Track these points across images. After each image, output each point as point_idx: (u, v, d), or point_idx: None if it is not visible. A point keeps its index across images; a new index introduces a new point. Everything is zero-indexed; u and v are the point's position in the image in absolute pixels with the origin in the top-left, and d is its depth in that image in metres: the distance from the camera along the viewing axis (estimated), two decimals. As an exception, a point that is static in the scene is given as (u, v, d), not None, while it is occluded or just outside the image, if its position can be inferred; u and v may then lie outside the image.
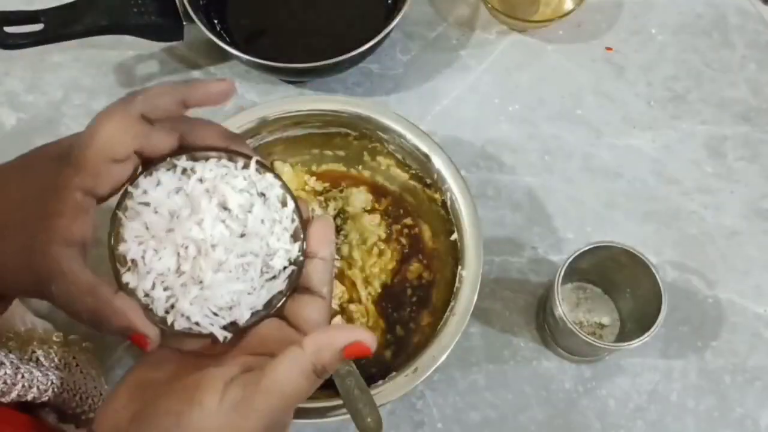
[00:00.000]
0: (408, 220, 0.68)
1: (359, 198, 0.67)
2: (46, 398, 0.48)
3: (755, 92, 0.76)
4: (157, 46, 0.75)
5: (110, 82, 0.75)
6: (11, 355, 0.48)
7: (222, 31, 0.75)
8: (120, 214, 0.39)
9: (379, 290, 0.64)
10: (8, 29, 0.66)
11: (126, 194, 0.39)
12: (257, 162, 0.41)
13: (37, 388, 0.47)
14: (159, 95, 0.39)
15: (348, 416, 0.53)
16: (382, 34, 0.69)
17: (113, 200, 0.40)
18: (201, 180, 0.40)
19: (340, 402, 0.54)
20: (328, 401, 0.56)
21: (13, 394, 0.45)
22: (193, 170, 0.40)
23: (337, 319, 0.62)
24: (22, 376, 0.46)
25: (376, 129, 0.64)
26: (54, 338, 0.56)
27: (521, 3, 0.78)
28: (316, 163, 0.69)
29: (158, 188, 0.39)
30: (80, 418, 0.51)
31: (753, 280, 0.68)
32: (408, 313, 0.64)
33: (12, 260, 0.38)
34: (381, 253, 0.65)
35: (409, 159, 0.65)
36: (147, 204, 0.39)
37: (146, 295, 0.39)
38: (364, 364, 0.62)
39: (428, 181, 0.64)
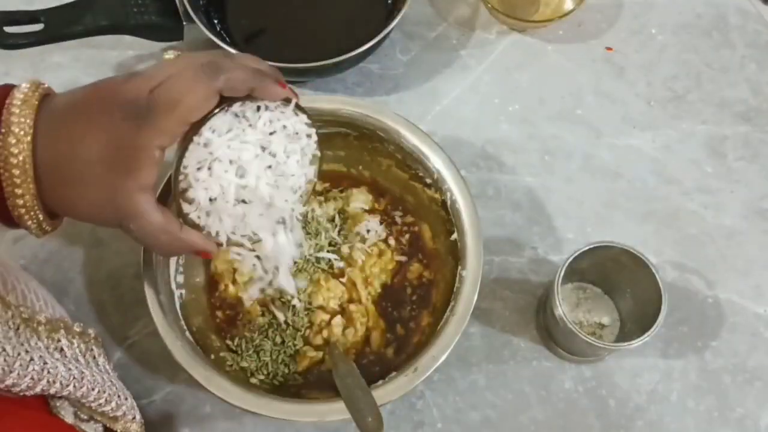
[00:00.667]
0: (408, 220, 0.68)
1: (359, 198, 0.67)
2: (67, 392, 0.49)
3: (755, 92, 0.76)
4: (157, 46, 0.75)
5: (110, 82, 0.75)
6: (40, 344, 0.50)
7: (222, 31, 0.75)
8: (184, 161, 0.47)
9: (379, 290, 0.64)
10: (8, 29, 0.66)
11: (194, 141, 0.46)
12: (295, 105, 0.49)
13: (60, 383, 0.48)
14: (240, 81, 0.44)
15: (348, 416, 0.53)
16: (382, 34, 0.69)
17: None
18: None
19: (340, 402, 0.54)
20: (328, 402, 0.56)
21: (38, 389, 0.46)
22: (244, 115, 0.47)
23: (338, 319, 0.62)
24: (48, 372, 0.47)
25: (376, 129, 0.64)
26: (75, 328, 0.57)
27: (521, 3, 0.78)
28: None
29: (213, 133, 0.46)
30: (95, 411, 0.52)
31: (753, 280, 0.68)
32: (408, 313, 0.64)
33: (96, 203, 0.44)
34: (381, 253, 0.65)
35: (409, 159, 0.65)
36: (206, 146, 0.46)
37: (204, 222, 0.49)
38: (365, 363, 0.62)
39: (428, 181, 0.64)
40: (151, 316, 0.57)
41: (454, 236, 0.62)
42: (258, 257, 0.55)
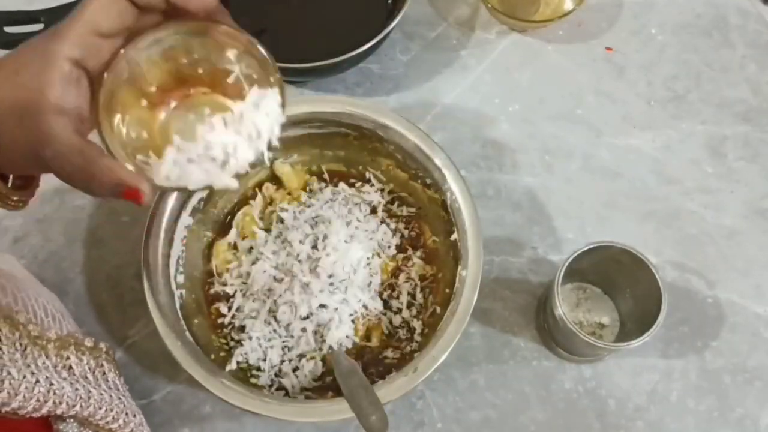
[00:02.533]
0: (408, 220, 0.68)
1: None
2: (73, 413, 0.48)
3: (755, 92, 0.76)
4: (157, 46, 0.75)
5: (110, 82, 0.75)
6: (48, 362, 0.49)
7: (222, 31, 0.75)
8: (106, 75, 0.40)
9: (379, 290, 0.64)
10: (8, 29, 0.66)
11: (118, 57, 0.41)
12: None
13: (66, 403, 0.47)
14: None
15: (348, 416, 0.53)
16: (382, 34, 0.69)
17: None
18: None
19: (340, 402, 0.54)
20: (328, 402, 0.56)
21: (44, 410, 0.46)
22: None
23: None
24: (54, 393, 0.47)
25: (376, 129, 0.64)
26: (86, 343, 0.56)
27: (521, 3, 0.78)
28: (316, 163, 0.69)
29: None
30: (102, 428, 0.52)
31: (753, 280, 0.68)
32: (408, 313, 0.64)
33: (12, 135, 0.39)
34: (381, 253, 0.65)
35: (409, 159, 0.65)
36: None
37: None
38: (366, 362, 0.62)
39: (428, 181, 0.64)
40: (151, 316, 0.57)
41: (454, 236, 0.62)
42: None
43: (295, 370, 0.62)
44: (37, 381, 0.46)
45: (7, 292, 0.53)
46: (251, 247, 0.65)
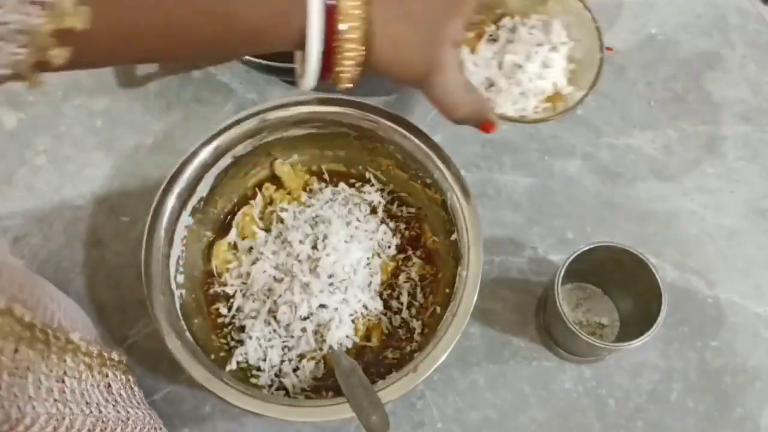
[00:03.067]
0: (408, 220, 0.68)
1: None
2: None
3: (755, 92, 0.76)
4: (157, 46, 0.75)
5: (110, 82, 0.75)
6: (92, 382, 0.49)
7: (222, 31, 0.75)
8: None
9: (379, 290, 0.64)
10: (8, 29, 0.66)
11: None
12: None
13: (111, 429, 0.47)
14: None
15: (348, 416, 0.53)
16: (382, 34, 0.69)
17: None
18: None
19: (340, 402, 0.54)
20: (328, 402, 0.56)
21: None
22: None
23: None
24: (102, 421, 0.46)
25: (376, 129, 0.64)
26: (113, 356, 0.56)
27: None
28: (316, 163, 0.69)
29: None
30: None
31: (753, 280, 0.68)
32: (408, 313, 0.64)
33: (414, 49, 0.45)
34: (381, 253, 0.65)
35: (409, 159, 0.65)
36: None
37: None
38: (366, 362, 0.62)
39: (428, 181, 0.64)
40: (151, 316, 0.57)
41: (454, 236, 0.62)
42: None
43: (295, 370, 0.62)
44: (91, 412, 0.45)
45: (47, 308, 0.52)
46: (251, 247, 0.65)
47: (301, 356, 0.62)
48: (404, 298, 0.64)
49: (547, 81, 0.59)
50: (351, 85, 0.47)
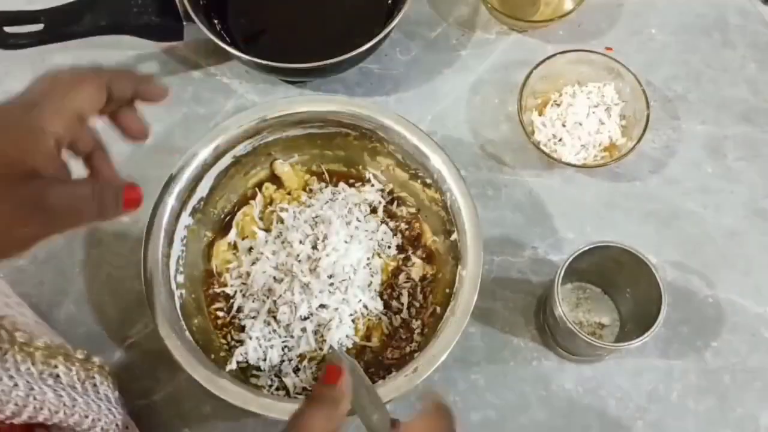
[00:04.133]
0: (408, 220, 0.68)
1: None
2: (57, 420, 0.48)
3: (755, 92, 0.75)
4: (157, 46, 0.75)
5: (110, 82, 0.75)
6: (33, 369, 0.49)
7: (222, 31, 0.75)
8: None
9: (380, 290, 0.64)
10: (8, 29, 0.66)
11: None
12: None
13: (48, 409, 0.47)
14: (125, 76, 0.46)
15: (347, 417, 0.53)
16: (382, 34, 0.69)
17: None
18: None
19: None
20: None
21: (24, 416, 0.45)
22: None
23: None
24: (35, 398, 0.46)
25: (376, 129, 0.64)
26: (77, 355, 0.56)
27: (521, 3, 0.78)
28: (316, 163, 0.69)
29: None
30: None
31: (753, 280, 0.68)
32: (408, 313, 0.64)
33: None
34: (381, 253, 0.65)
35: (409, 159, 0.65)
36: None
37: None
38: (366, 362, 0.62)
39: (428, 181, 0.64)
40: (151, 316, 0.57)
41: (454, 236, 0.62)
42: None
43: (296, 370, 0.62)
44: (16, 384, 0.45)
45: None
46: (251, 247, 0.65)
47: (302, 356, 0.62)
48: (404, 298, 0.64)
49: (603, 135, 0.70)
50: None
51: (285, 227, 0.65)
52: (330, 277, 0.62)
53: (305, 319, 0.62)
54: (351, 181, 0.69)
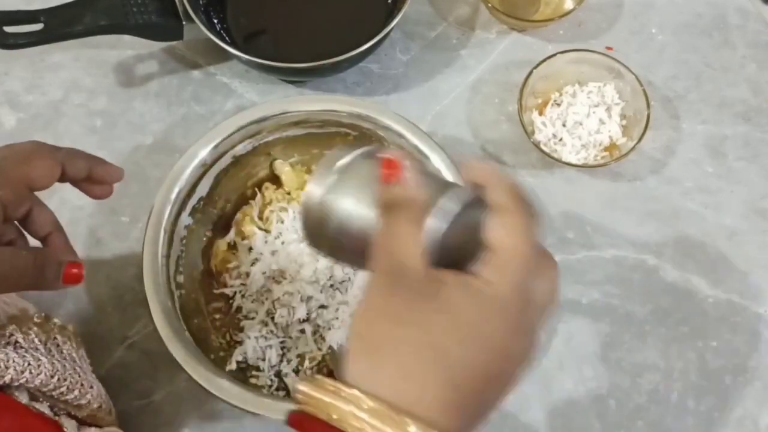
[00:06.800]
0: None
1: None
2: (23, 380, 0.48)
3: (755, 92, 0.75)
4: (157, 45, 0.75)
5: (110, 82, 0.75)
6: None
7: (222, 31, 0.75)
8: None
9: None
10: (8, 29, 0.66)
11: None
12: None
13: (15, 369, 0.47)
14: (80, 155, 0.48)
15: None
16: (382, 34, 0.69)
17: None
18: None
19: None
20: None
21: None
22: None
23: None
24: None
25: (376, 129, 0.64)
26: (35, 319, 0.55)
27: (521, 2, 0.78)
28: (316, 163, 0.69)
29: None
30: (58, 400, 0.51)
31: (753, 280, 0.68)
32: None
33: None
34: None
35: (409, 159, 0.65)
36: None
37: None
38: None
39: (428, 181, 0.64)
40: (151, 316, 0.57)
41: (454, 236, 0.62)
42: None
43: (296, 370, 0.62)
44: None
45: None
46: (251, 248, 0.65)
47: (301, 356, 0.62)
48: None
49: (603, 135, 0.70)
50: None
51: (284, 227, 0.65)
52: (330, 278, 0.62)
53: (304, 321, 0.62)
54: (351, 181, 0.69)
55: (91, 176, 0.49)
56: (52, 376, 0.50)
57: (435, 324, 0.32)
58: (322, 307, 0.62)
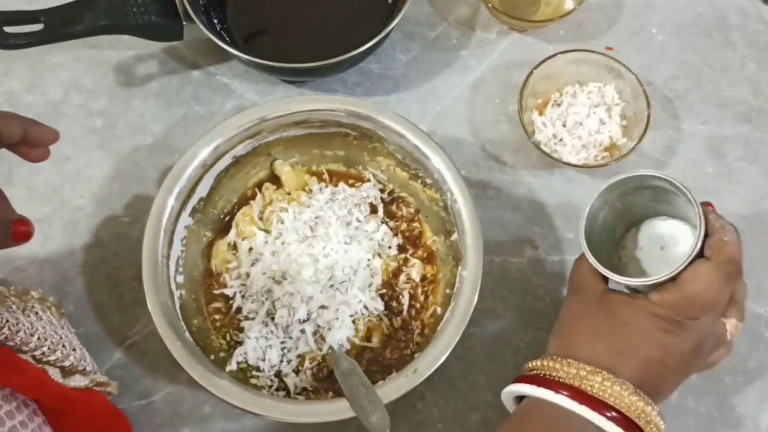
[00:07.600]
0: (408, 220, 0.68)
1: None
2: (2, 337, 0.48)
3: (755, 92, 0.75)
4: (157, 46, 0.75)
5: (110, 82, 0.75)
6: None
7: (222, 31, 0.75)
8: None
9: (380, 290, 0.64)
10: (8, 29, 0.66)
11: None
12: None
13: None
14: (12, 119, 0.47)
15: (349, 416, 0.53)
16: (382, 34, 0.69)
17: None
18: None
19: (340, 402, 0.54)
20: (328, 402, 0.56)
21: None
22: None
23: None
24: None
25: (376, 129, 0.64)
26: (11, 293, 0.56)
27: (521, 3, 0.78)
28: (316, 163, 0.69)
29: None
30: (40, 360, 0.52)
31: (753, 280, 0.68)
32: (408, 313, 0.64)
33: None
34: (381, 254, 0.65)
35: (409, 159, 0.65)
36: None
37: None
38: (366, 363, 0.62)
39: (428, 181, 0.64)
40: (151, 316, 0.57)
41: (454, 236, 0.62)
42: None
43: (296, 371, 0.62)
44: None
45: None
46: (251, 248, 0.65)
47: (302, 357, 0.62)
48: (405, 299, 0.64)
49: (603, 135, 0.70)
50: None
51: (285, 228, 0.65)
52: (330, 278, 0.62)
53: (305, 321, 0.62)
54: (351, 181, 0.69)
55: (26, 138, 0.48)
56: (32, 335, 0.51)
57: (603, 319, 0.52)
58: (323, 307, 0.62)
